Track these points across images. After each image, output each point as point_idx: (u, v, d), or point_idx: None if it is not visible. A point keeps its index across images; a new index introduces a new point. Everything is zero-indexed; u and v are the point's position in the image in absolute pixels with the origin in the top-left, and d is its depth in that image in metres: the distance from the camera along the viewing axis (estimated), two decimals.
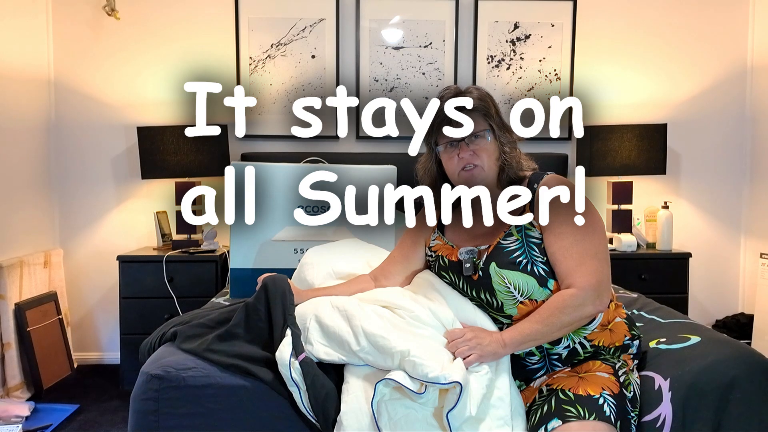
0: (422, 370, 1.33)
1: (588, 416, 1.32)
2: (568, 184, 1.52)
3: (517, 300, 1.51)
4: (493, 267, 1.52)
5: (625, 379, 1.45)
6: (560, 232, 1.49)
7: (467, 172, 1.57)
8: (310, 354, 1.49)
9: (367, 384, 1.41)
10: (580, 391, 1.38)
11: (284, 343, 1.49)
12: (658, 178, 3.45)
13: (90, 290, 3.41)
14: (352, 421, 1.35)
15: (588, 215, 1.49)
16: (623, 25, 3.45)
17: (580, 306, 1.44)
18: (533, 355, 1.51)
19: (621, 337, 1.53)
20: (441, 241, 1.69)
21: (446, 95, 1.59)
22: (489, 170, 1.58)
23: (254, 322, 1.59)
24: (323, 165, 2.40)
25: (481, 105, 1.58)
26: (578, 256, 1.47)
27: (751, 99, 3.48)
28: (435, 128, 1.57)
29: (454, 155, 1.57)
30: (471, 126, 1.53)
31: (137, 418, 1.47)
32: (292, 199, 2.20)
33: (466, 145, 1.56)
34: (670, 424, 1.43)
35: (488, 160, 1.57)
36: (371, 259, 1.94)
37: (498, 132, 1.59)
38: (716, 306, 3.55)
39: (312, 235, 2.19)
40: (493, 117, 1.60)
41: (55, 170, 3.36)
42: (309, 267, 1.95)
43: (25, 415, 2.55)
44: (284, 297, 1.59)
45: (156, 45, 3.34)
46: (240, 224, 2.18)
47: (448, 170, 1.61)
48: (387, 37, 3.41)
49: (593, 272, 1.46)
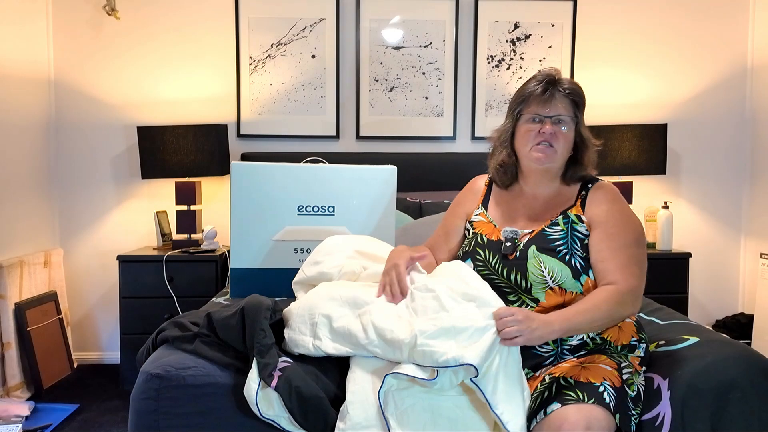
0: (432, 356, 1.33)
1: (587, 400, 1.33)
2: (616, 193, 1.62)
3: (548, 285, 1.52)
4: (532, 250, 1.55)
5: (629, 378, 1.45)
6: (614, 233, 1.54)
7: (540, 150, 1.58)
8: (318, 350, 1.48)
9: (374, 373, 1.41)
10: (582, 378, 1.39)
11: (250, 377, 1.43)
12: (658, 178, 3.45)
13: (90, 290, 3.41)
14: (359, 410, 1.35)
15: (640, 231, 1.59)
16: (623, 25, 3.45)
17: (621, 303, 1.48)
18: (547, 344, 1.51)
19: (628, 336, 1.55)
20: (484, 218, 1.70)
21: (543, 73, 1.63)
22: (561, 156, 1.60)
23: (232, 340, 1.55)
24: (323, 165, 2.40)
25: (575, 93, 1.62)
26: (626, 258, 1.52)
27: (751, 99, 3.48)
28: (526, 99, 1.61)
29: (535, 128, 1.58)
30: (561, 109, 1.59)
31: (137, 417, 1.46)
32: (292, 199, 2.20)
33: (551, 123, 1.58)
34: (669, 423, 1.43)
35: (564, 145, 1.60)
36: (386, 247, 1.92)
37: (582, 127, 1.63)
38: (716, 306, 3.55)
39: (312, 235, 2.19)
40: (582, 110, 1.63)
41: (55, 170, 3.36)
42: (327, 257, 1.85)
43: (25, 414, 2.55)
44: (254, 322, 1.52)
45: (156, 45, 3.35)
46: (240, 224, 2.19)
47: (521, 143, 1.62)
48: (387, 37, 3.41)
49: (637, 277, 1.52)
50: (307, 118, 3.40)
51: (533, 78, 1.64)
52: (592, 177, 1.66)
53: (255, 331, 1.49)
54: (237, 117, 3.38)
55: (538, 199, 1.66)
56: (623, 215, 1.58)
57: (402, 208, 2.84)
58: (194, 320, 1.66)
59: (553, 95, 1.58)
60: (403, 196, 2.98)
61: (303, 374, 1.43)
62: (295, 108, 3.40)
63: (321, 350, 1.48)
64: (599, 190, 1.62)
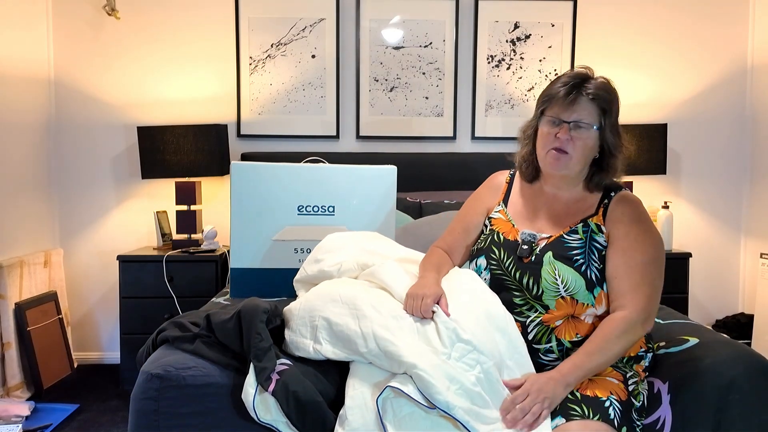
0: (429, 389, 1.30)
1: (592, 416, 1.32)
2: (640, 207, 1.59)
3: (560, 293, 1.49)
4: (548, 256, 1.52)
5: (635, 389, 1.45)
6: (631, 251, 1.50)
7: (556, 154, 1.54)
8: (318, 353, 1.47)
9: (373, 380, 1.40)
10: (588, 392, 1.38)
11: (247, 382, 1.43)
12: (658, 178, 3.45)
13: (90, 290, 3.41)
14: (357, 416, 1.34)
15: (659, 249, 1.55)
16: (623, 24, 3.45)
17: (631, 331, 1.44)
18: (551, 353, 1.50)
19: (637, 348, 1.52)
20: (503, 216, 1.66)
21: (572, 73, 1.57)
22: (577, 163, 1.55)
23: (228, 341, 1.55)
24: (323, 165, 2.40)
25: (602, 98, 1.54)
26: (639, 278, 1.48)
27: (751, 99, 3.48)
28: (551, 99, 1.55)
29: (553, 132, 1.54)
30: (583, 114, 1.52)
31: (137, 417, 1.46)
32: (292, 199, 2.20)
33: (568, 128, 1.52)
34: (669, 426, 1.43)
35: (581, 152, 1.54)
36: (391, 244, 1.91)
37: (608, 133, 1.56)
38: (716, 306, 3.55)
39: (312, 235, 2.18)
40: (610, 115, 1.56)
41: (55, 170, 3.36)
42: (330, 254, 1.85)
43: (25, 414, 2.55)
44: (251, 326, 1.51)
45: (156, 45, 3.34)
46: (240, 224, 2.19)
47: (540, 143, 1.58)
48: (387, 37, 3.41)
49: (648, 298, 1.47)
50: (307, 118, 3.40)
51: (563, 76, 1.58)
52: (616, 185, 1.61)
53: (251, 335, 1.48)
54: (237, 117, 3.38)
55: (559, 200, 1.62)
56: (643, 232, 1.53)
57: (402, 208, 2.84)
58: (194, 320, 1.66)
59: (576, 99, 1.52)
60: (403, 196, 2.98)
61: (301, 377, 1.43)
62: (295, 108, 3.40)
63: (321, 354, 1.47)
64: (622, 203, 1.57)
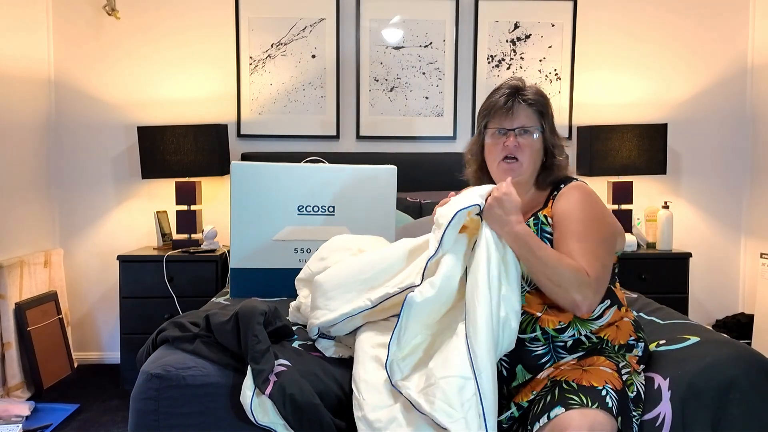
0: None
1: (591, 405, 1.33)
2: (584, 189, 1.59)
3: (525, 289, 1.54)
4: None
5: (628, 379, 1.45)
6: (574, 229, 1.52)
7: (507, 165, 1.61)
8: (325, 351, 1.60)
9: (377, 361, 1.48)
10: (584, 382, 1.39)
11: (245, 385, 1.45)
12: (658, 178, 3.45)
13: (90, 290, 3.41)
14: (373, 395, 1.42)
15: (607, 231, 1.54)
16: (623, 24, 3.45)
17: (580, 284, 1.43)
18: (537, 341, 1.51)
19: (626, 336, 1.54)
20: None
21: (506, 85, 1.64)
22: (527, 168, 1.62)
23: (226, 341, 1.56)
24: (323, 165, 2.40)
25: (539, 102, 1.63)
26: (586, 251, 1.48)
27: (751, 99, 3.48)
28: (490, 111, 1.63)
29: (500, 142, 1.61)
30: (525, 119, 1.60)
31: (137, 417, 1.46)
32: (292, 199, 2.21)
33: (514, 135, 1.60)
34: (669, 423, 1.43)
35: (530, 157, 1.61)
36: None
37: (548, 134, 1.64)
38: (716, 306, 3.55)
39: (312, 235, 2.19)
40: (547, 118, 1.64)
41: (55, 170, 3.36)
42: (335, 253, 1.87)
43: (25, 414, 2.55)
44: (248, 328, 1.52)
45: (156, 44, 3.35)
46: (240, 224, 2.19)
47: (489, 157, 1.66)
48: (387, 37, 3.41)
49: (599, 269, 1.47)
50: (307, 118, 3.40)
51: (497, 90, 1.65)
52: (566, 178, 1.65)
53: (248, 337, 1.50)
54: (237, 117, 3.38)
55: None
56: (587, 212, 1.54)
57: (402, 208, 2.84)
58: (194, 320, 1.66)
59: (515, 106, 1.60)
60: (403, 196, 2.98)
61: (299, 379, 1.44)
62: (295, 108, 3.40)
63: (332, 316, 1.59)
64: (568, 191, 1.60)
